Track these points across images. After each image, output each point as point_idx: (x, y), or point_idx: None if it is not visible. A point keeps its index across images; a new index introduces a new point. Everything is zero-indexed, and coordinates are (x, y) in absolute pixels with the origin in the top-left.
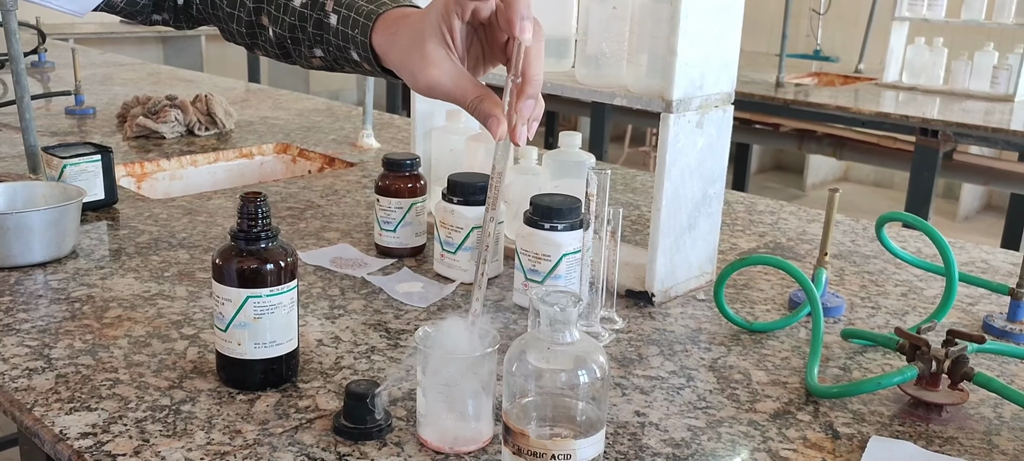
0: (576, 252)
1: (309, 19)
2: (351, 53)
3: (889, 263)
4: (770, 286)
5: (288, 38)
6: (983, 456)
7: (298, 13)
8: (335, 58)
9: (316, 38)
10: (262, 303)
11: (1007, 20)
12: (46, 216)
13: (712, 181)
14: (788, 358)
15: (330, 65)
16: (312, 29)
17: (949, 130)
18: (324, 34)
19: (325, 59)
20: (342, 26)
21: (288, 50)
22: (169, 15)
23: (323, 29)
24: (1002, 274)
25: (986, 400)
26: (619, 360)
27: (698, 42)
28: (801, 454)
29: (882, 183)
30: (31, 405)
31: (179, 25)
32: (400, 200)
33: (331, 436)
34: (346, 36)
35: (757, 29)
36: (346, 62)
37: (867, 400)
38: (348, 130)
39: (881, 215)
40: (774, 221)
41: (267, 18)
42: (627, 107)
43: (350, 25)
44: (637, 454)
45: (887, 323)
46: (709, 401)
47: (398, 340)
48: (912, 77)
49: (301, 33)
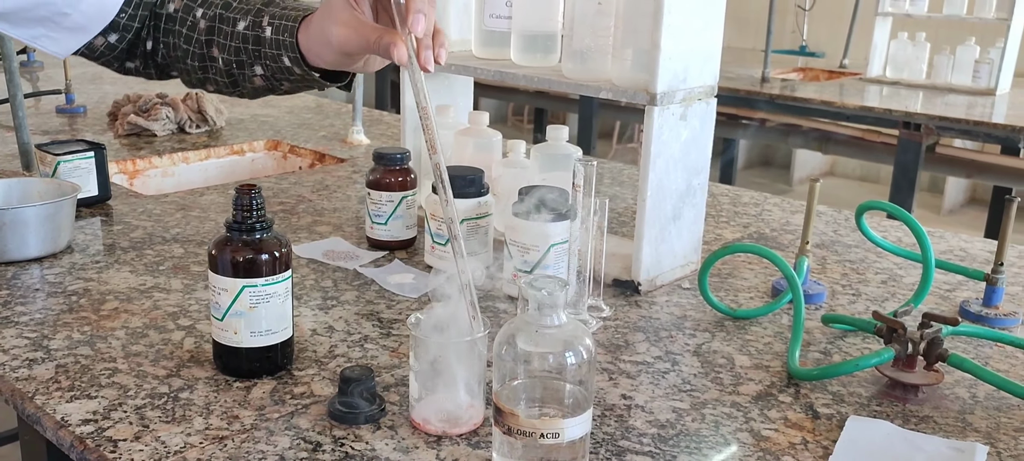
0: (564, 242)
1: (250, 39)
2: (284, 59)
3: (870, 252)
4: (754, 275)
5: (234, 62)
6: (957, 434)
7: (242, 35)
8: (273, 72)
9: (255, 54)
10: (258, 292)
11: (988, 15)
12: (41, 211)
13: (696, 172)
14: (771, 343)
15: (269, 81)
16: (252, 46)
17: (932, 123)
18: (262, 48)
19: (264, 75)
20: (275, 35)
21: (235, 76)
22: (140, 62)
23: (261, 43)
24: (979, 261)
25: (961, 381)
26: (606, 346)
27: (681, 36)
28: (782, 434)
29: (868, 177)
30: (32, 394)
31: (149, 73)
32: (391, 194)
33: (326, 420)
34: (279, 43)
35: (743, 25)
36: (282, 74)
37: (846, 382)
38: (338, 127)
39: (860, 204)
40: (758, 212)
41: (216, 48)
42: (613, 102)
43: (281, 31)
44: (624, 435)
45: (867, 310)
46: (693, 384)
47: (391, 329)
48: (895, 71)
49: (244, 54)
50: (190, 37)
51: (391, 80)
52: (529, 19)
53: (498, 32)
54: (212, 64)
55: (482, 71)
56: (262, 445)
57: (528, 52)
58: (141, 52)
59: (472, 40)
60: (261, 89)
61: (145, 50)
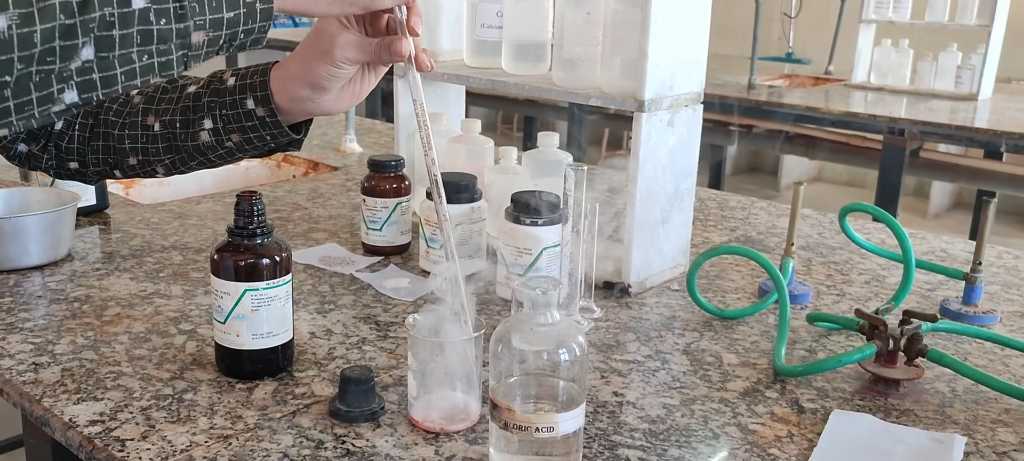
0: (556, 246)
1: (204, 95)
2: (247, 103)
3: (854, 254)
4: (740, 276)
5: (177, 121)
6: (937, 426)
7: (193, 95)
8: (226, 122)
9: (210, 106)
10: (259, 296)
11: (969, 21)
12: (42, 220)
13: (684, 177)
14: (757, 342)
15: (217, 134)
16: (208, 99)
17: (915, 128)
18: (220, 98)
19: (213, 129)
20: (239, 81)
21: (173, 138)
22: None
23: (219, 94)
24: (960, 262)
25: (941, 376)
26: (598, 346)
27: (668, 45)
28: (769, 427)
29: (854, 182)
30: (40, 396)
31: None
32: (385, 200)
33: (327, 419)
34: (243, 88)
35: (730, 33)
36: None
37: (830, 378)
38: (331, 135)
39: (844, 206)
40: (745, 216)
41: (153, 115)
42: (601, 110)
43: (246, 76)
44: (616, 430)
45: (851, 309)
46: (683, 381)
47: (388, 332)
48: (879, 78)
49: (192, 113)
50: (121, 111)
51: (381, 91)
52: (520, 29)
53: (489, 41)
54: (144, 132)
55: (474, 79)
56: (266, 443)
57: (519, 61)
58: (44, 133)
59: (464, 49)
60: (199, 148)
61: (52, 132)
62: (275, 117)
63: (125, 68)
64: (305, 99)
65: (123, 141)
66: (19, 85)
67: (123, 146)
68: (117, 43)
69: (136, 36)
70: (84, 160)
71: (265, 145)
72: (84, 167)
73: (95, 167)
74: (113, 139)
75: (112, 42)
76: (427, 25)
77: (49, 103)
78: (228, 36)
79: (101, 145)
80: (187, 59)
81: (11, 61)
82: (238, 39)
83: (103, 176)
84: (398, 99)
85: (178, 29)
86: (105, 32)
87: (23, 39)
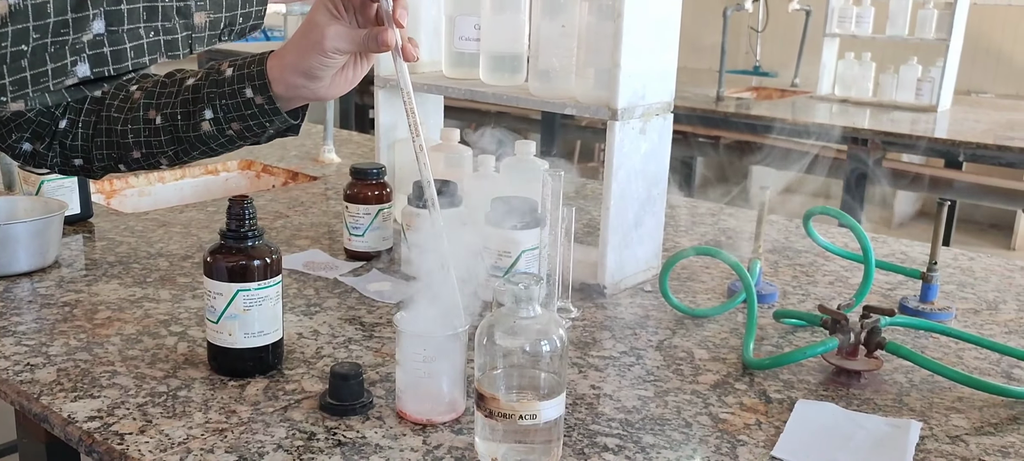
0: (534, 248)
1: (203, 87)
2: (246, 92)
3: (819, 256)
4: (710, 278)
5: (179, 114)
6: (895, 413)
7: (192, 87)
8: (226, 111)
9: (210, 97)
10: (251, 296)
11: (928, 35)
12: (31, 227)
13: (656, 182)
14: (727, 338)
15: (218, 123)
16: (207, 90)
17: (878, 139)
18: (219, 89)
19: (214, 118)
20: (237, 71)
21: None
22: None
23: (218, 85)
24: (918, 263)
25: (899, 368)
26: (576, 344)
27: (640, 56)
28: (738, 416)
29: (820, 192)
30: (37, 395)
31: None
32: (368, 206)
33: (318, 413)
34: (242, 78)
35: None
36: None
37: (796, 370)
38: (309, 146)
39: (808, 209)
40: (714, 222)
41: (154, 110)
42: (574, 123)
43: (245, 66)
44: (594, 420)
45: (815, 308)
46: (656, 375)
47: (373, 332)
48: (843, 90)
49: (192, 105)
50: (123, 107)
51: (355, 103)
52: (497, 41)
53: (467, 53)
54: (146, 125)
55: (452, 90)
56: (260, 436)
57: (496, 72)
58: (49, 131)
59: (442, 61)
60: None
61: (56, 129)
62: (274, 105)
63: (134, 44)
64: (301, 86)
65: (126, 136)
66: (35, 56)
67: (127, 141)
68: (125, 17)
69: (142, 12)
70: (89, 156)
71: (264, 132)
72: (89, 163)
73: (100, 162)
74: (116, 134)
75: (121, 16)
76: None
77: (63, 75)
78: (228, 19)
79: (105, 141)
80: (191, 41)
81: (27, 30)
82: (237, 23)
83: (108, 170)
84: (379, 109)
85: (180, 7)
86: (114, 6)
87: (37, 9)
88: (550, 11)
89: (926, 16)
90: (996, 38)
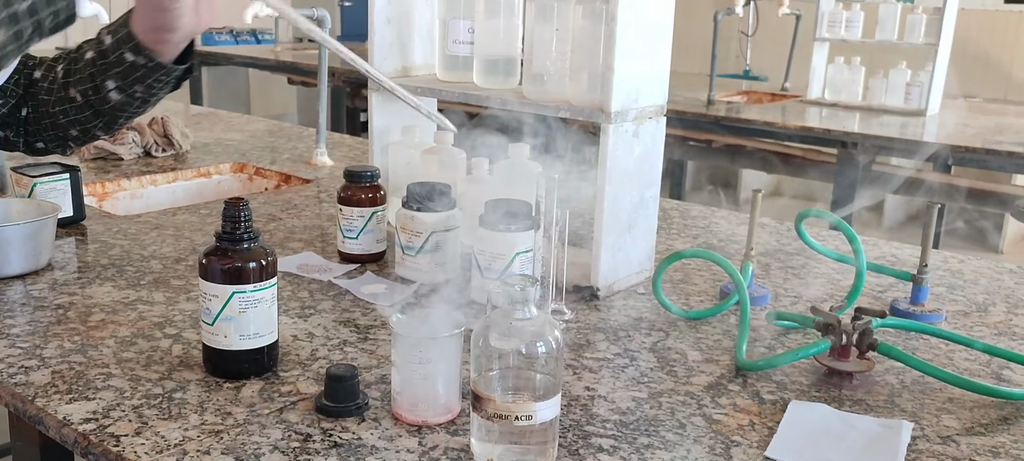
0: (528, 251)
1: (96, 58)
2: (126, 56)
3: (811, 259)
4: (703, 280)
5: (89, 88)
6: (887, 414)
7: (89, 61)
8: (123, 80)
9: (104, 68)
10: (246, 298)
11: (917, 40)
12: (25, 230)
13: (649, 185)
14: (720, 340)
15: (123, 92)
16: (100, 61)
17: (868, 142)
18: (106, 59)
19: (117, 87)
20: (113, 38)
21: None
22: (12, 131)
23: (105, 56)
24: (909, 265)
25: (891, 369)
26: (570, 346)
27: (633, 59)
28: (732, 417)
29: (811, 196)
30: (32, 397)
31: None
32: (362, 209)
33: (314, 415)
34: (118, 43)
35: (690, 51)
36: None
37: (788, 372)
38: (301, 149)
39: (800, 212)
40: (706, 225)
41: (72, 87)
42: (568, 123)
43: (117, 32)
44: (589, 421)
45: (808, 310)
46: (650, 377)
47: (367, 334)
48: (833, 94)
49: (98, 77)
50: (51, 89)
51: (347, 106)
52: (490, 44)
53: (461, 57)
54: (70, 105)
55: (446, 93)
56: (256, 437)
57: (490, 75)
58: (15, 119)
59: (436, 64)
60: (118, 106)
61: (19, 117)
62: (154, 61)
63: None
64: (167, 35)
65: (58, 117)
66: None
67: (60, 121)
68: None
69: None
70: (43, 138)
71: (165, 84)
72: (46, 144)
73: (52, 143)
74: (49, 116)
75: None
76: (400, 41)
77: None
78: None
79: (47, 123)
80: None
81: None
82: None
83: (63, 150)
84: (372, 113)
85: None
86: None
87: None
88: (543, 15)
89: (915, 21)
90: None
